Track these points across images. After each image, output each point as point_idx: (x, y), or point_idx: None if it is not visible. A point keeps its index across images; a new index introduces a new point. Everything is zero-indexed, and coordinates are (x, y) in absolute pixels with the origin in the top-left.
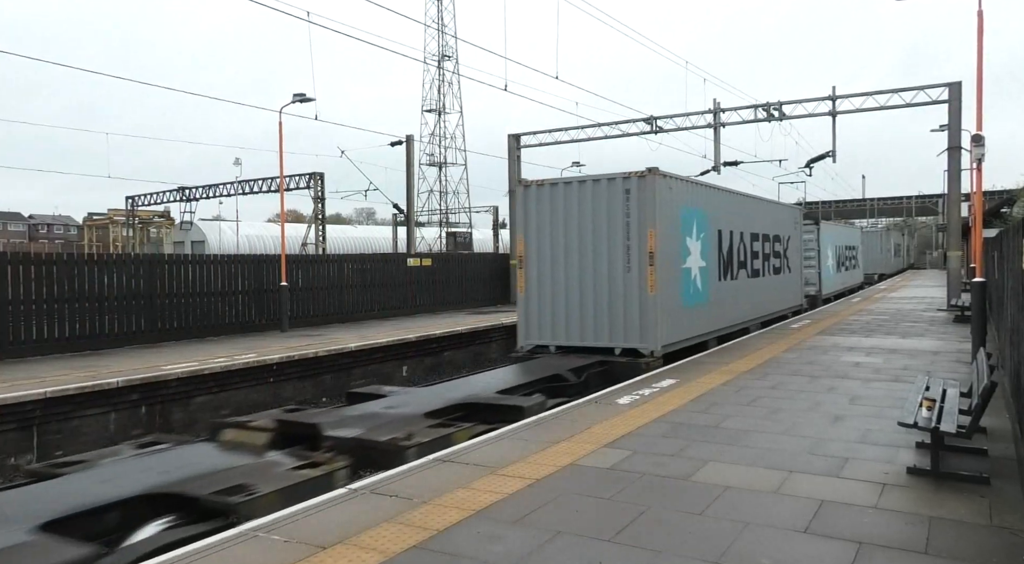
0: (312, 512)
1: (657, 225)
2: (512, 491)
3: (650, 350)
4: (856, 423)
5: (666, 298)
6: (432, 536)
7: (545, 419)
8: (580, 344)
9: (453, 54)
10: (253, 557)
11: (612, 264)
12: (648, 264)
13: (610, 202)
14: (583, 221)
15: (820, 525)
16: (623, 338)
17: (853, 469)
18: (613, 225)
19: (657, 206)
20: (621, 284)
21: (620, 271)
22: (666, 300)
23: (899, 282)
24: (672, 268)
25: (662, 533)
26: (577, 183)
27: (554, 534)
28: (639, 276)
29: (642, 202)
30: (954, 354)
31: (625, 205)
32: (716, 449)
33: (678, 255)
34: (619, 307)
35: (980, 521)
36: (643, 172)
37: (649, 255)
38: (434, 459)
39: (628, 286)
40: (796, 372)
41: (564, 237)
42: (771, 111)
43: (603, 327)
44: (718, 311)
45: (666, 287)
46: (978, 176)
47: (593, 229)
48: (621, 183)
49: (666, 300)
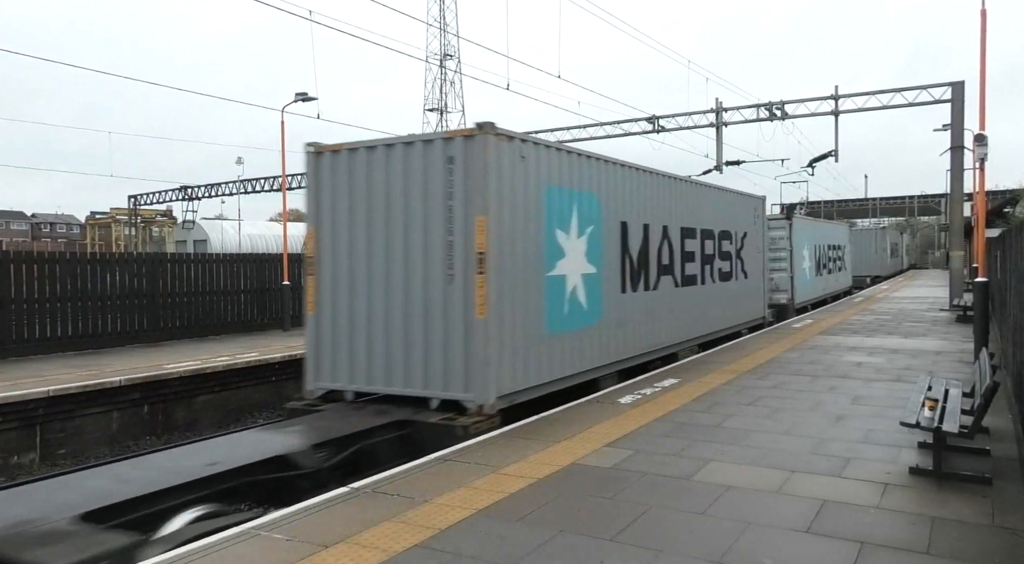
0: (314, 511)
1: (492, 211)
2: (514, 490)
3: (478, 404)
4: (858, 423)
5: (511, 322)
6: (434, 535)
7: (546, 419)
8: (385, 390)
9: (455, 53)
10: (255, 556)
11: (428, 270)
12: (476, 271)
13: (428, 176)
14: (392, 206)
15: (822, 525)
16: (441, 384)
17: (855, 469)
18: (431, 212)
19: (492, 183)
20: (441, 301)
21: (439, 281)
22: (511, 325)
23: (901, 282)
24: (526, 277)
25: (663, 533)
26: (384, 148)
27: (556, 533)
28: (464, 289)
29: (470, 176)
30: (956, 354)
31: (447, 181)
32: (718, 449)
33: (539, 258)
34: (437, 336)
35: (982, 521)
36: (471, 130)
37: (478, 257)
38: (435, 458)
39: (450, 304)
40: (798, 372)
41: (367, 229)
42: (773, 110)
43: (416, 366)
44: (619, 335)
45: (511, 306)
46: (981, 176)
47: (405, 218)
48: (442, 147)
49: (511, 325)
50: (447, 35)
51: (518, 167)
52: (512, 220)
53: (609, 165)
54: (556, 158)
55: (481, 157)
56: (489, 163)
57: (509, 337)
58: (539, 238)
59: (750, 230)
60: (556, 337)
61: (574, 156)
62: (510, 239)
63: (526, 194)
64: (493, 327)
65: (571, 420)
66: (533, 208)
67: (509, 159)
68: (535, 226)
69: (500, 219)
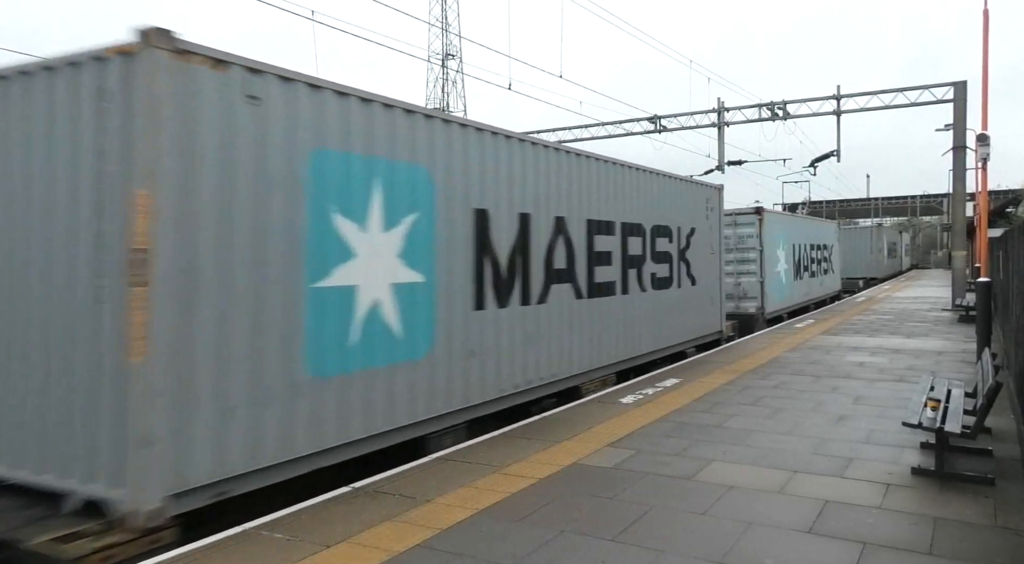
0: (315, 511)
1: (168, 181)
2: (515, 490)
3: (129, 509)
4: (860, 423)
5: (215, 365)
6: (435, 534)
7: (548, 419)
8: (6, 477)
9: (457, 53)
10: (257, 555)
11: (71, 283)
12: (132, 281)
13: (75, 124)
14: (26, 173)
15: (824, 525)
16: (84, 470)
17: (857, 469)
18: (78, 185)
19: (168, 132)
20: (86, 332)
21: (83, 300)
22: (215, 370)
23: (903, 282)
24: (261, 290)
25: (665, 533)
26: (20, 78)
27: (557, 533)
28: (115, 314)
29: (132, 123)
30: (959, 354)
31: (100, 129)
32: (719, 449)
33: (294, 259)
34: (79, 392)
35: (985, 522)
36: (131, 44)
37: (134, 259)
38: (436, 458)
39: (97, 338)
40: (799, 372)
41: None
42: (775, 110)
43: (51, 439)
44: (470, 370)
45: (216, 337)
46: (983, 175)
47: (42, 193)
48: (93, 73)
49: (215, 370)
50: (449, 35)
51: (242, 113)
52: (223, 197)
53: (452, 128)
54: (338, 107)
55: (146, 90)
56: (159, 98)
57: (211, 390)
58: (294, 229)
59: (700, 226)
60: (329, 383)
61: (376, 107)
62: (217, 228)
63: (263, 158)
64: (163, 376)
65: (572, 420)
66: (282, 181)
67: (219, 97)
68: (286, 209)
69: (190, 194)
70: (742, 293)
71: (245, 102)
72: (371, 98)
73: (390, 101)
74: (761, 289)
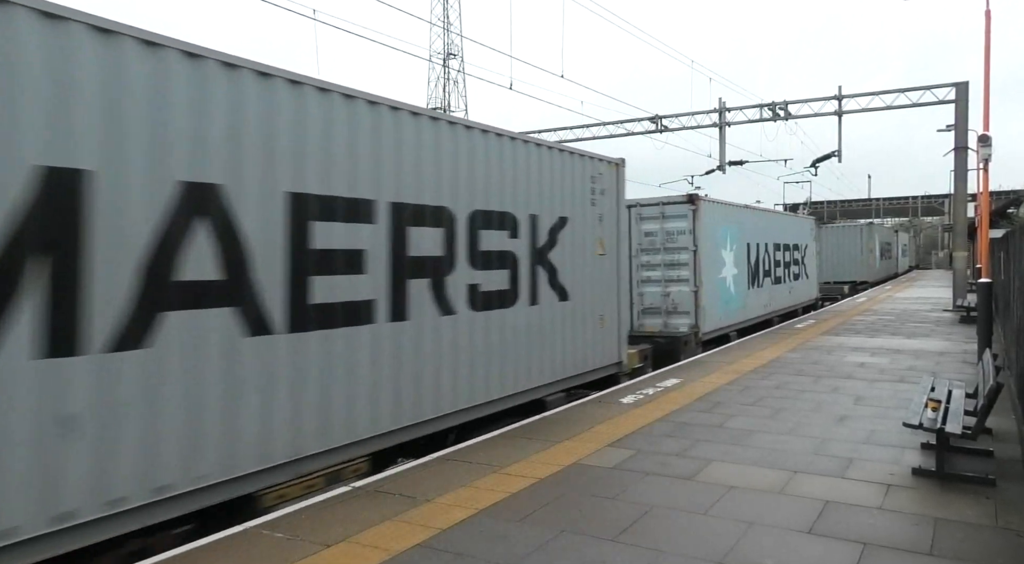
0: (315, 510)
1: None
2: (515, 490)
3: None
4: (861, 424)
5: None
6: (436, 534)
7: (548, 419)
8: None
9: (459, 52)
10: (257, 555)
11: None
12: None
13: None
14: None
15: (824, 526)
16: None
17: (858, 470)
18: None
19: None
20: None
21: None
22: None
23: (903, 283)
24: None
25: (665, 533)
26: None
27: (557, 533)
28: None
29: None
30: (960, 355)
31: None
32: (720, 449)
33: None
34: None
35: (985, 522)
36: None
37: None
38: (436, 458)
39: None
40: (800, 372)
41: None
42: (776, 110)
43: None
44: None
45: None
46: (985, 176)
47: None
48: None
49: None
50: (450, 34)
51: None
52: None
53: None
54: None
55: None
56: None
57: None
58: None
59: (578, 215)
60: None
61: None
62: None
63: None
64: None
65: (573, 420)
66: None
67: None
68: None
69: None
70: (671, 307)
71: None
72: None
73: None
74: (696, 301)
